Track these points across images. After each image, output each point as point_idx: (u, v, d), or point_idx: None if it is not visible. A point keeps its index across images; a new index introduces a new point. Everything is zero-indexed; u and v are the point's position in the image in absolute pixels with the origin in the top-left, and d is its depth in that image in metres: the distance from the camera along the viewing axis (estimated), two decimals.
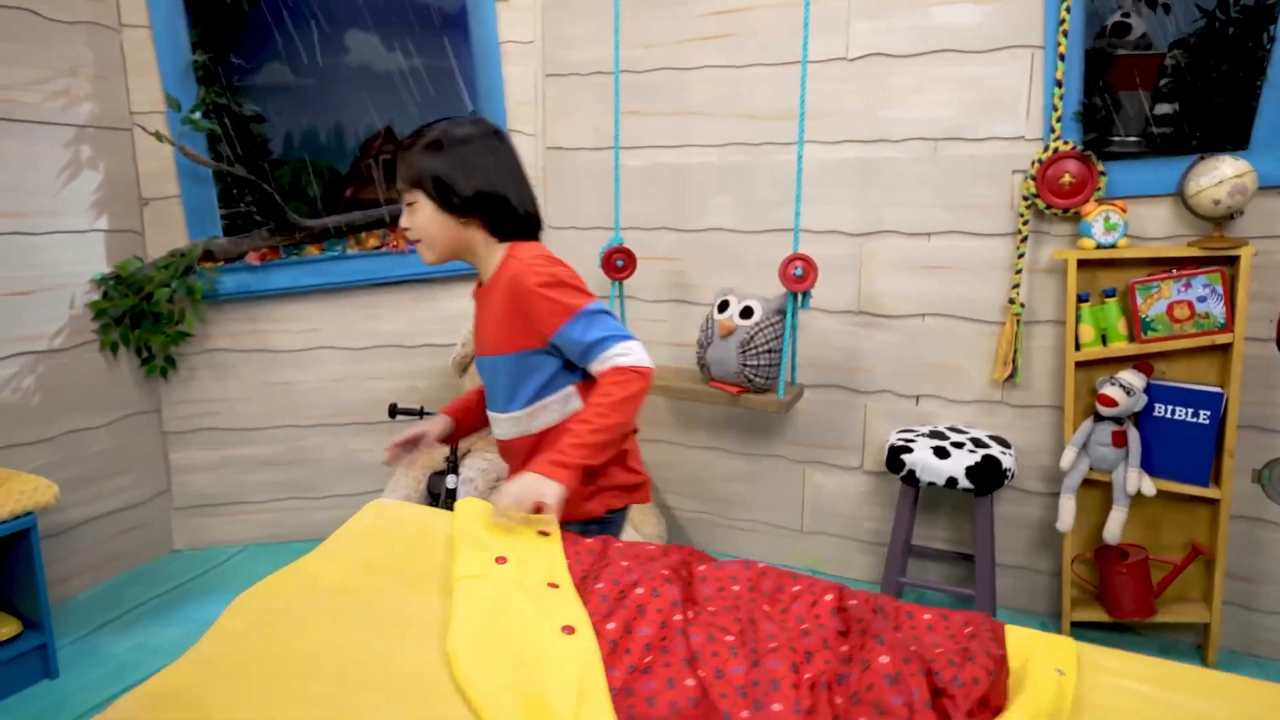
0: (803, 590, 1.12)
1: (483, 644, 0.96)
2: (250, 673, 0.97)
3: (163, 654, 2.39)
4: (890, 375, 2.70)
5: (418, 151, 1.49)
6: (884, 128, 2.58)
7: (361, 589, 1.15)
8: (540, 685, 0.88)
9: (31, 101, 2.44)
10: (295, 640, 1.03)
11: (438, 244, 1.53)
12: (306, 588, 1.15)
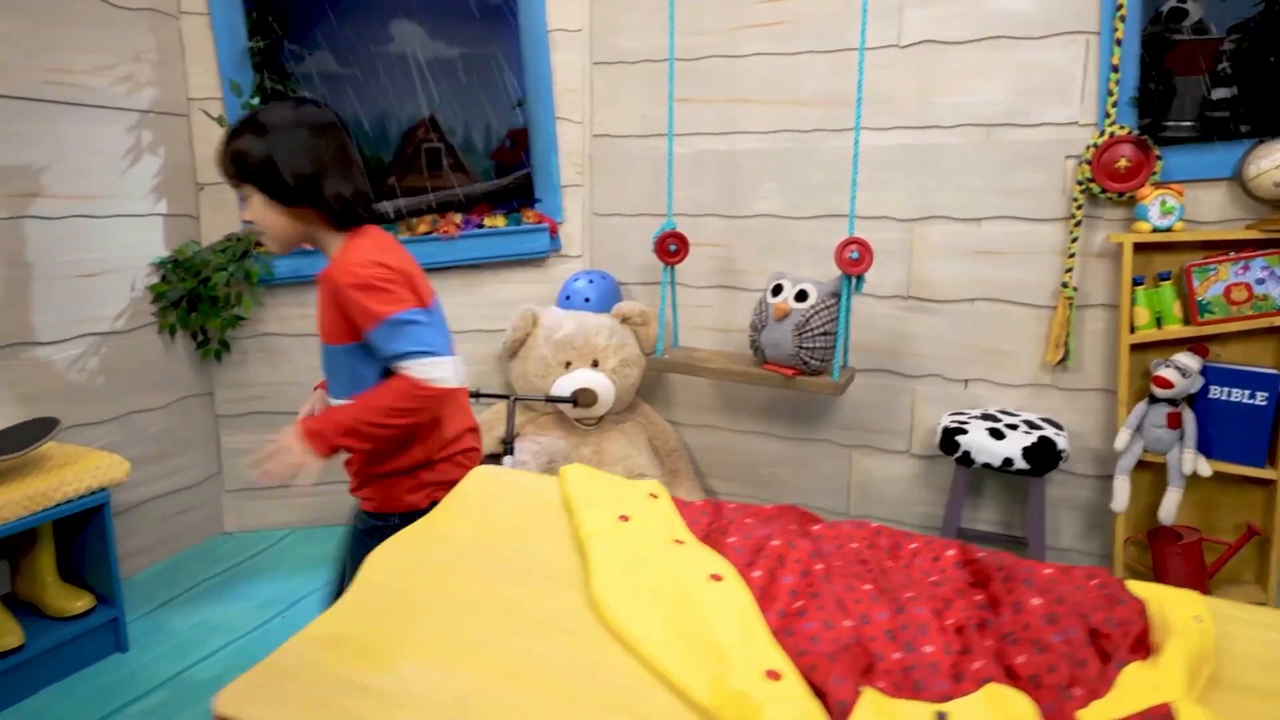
0: (920, 547, 1.15)
1: (629, 591, 1.00)
2: (404, 616, 1.00)
3: (225, 630, 2.43)
4: (939, 359, 2.73)
5: (241, 142, 1.47)
6: (935, 114, 2.61)
7: (489, 545, 1.18)
8: (701, 626, 0.91)
9: (98, 86, 2.47)
10: (438, 589, 1.06)
11: (277, 234, 1.53)
12: (435, 544, 1.19)
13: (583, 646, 0.94)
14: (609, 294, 2.98)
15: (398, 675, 0.88)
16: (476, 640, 0.95)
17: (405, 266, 1.51)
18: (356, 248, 1.49)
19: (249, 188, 1.49)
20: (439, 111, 3.10)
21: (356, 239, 1.51)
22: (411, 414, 1.43)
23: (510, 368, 2.93)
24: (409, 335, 1.42)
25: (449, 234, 2.94)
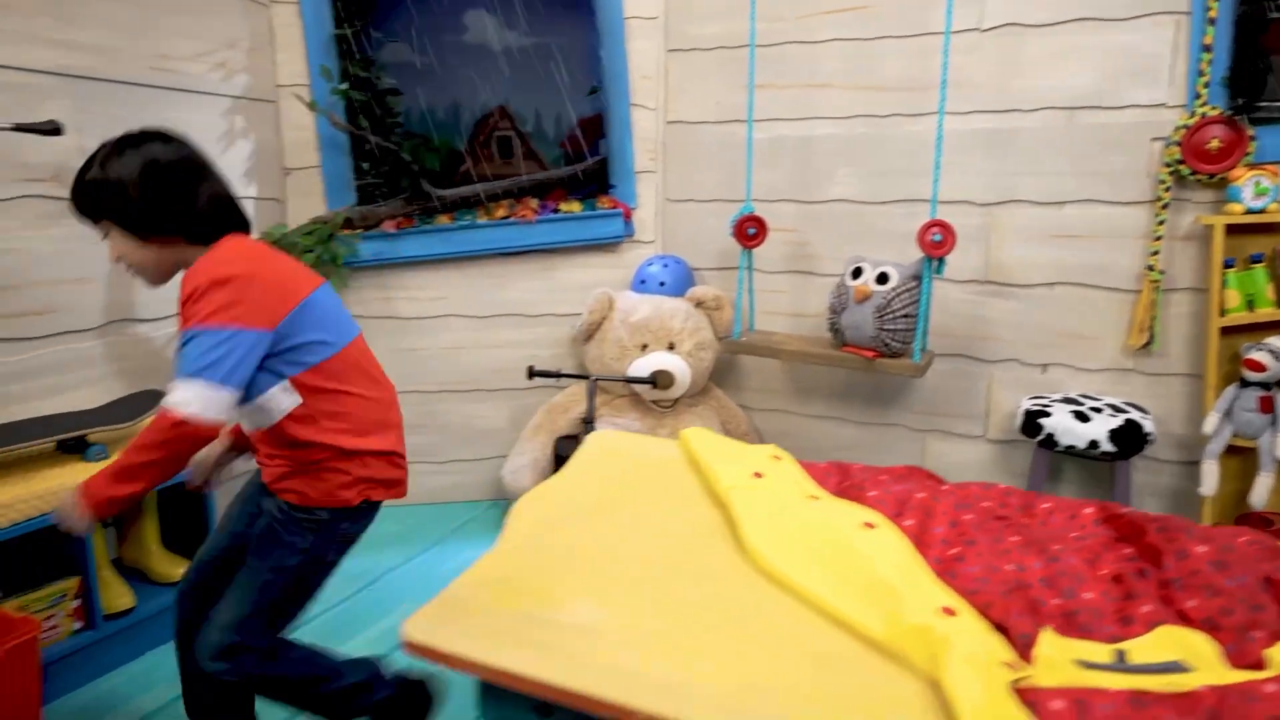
0: (1053, 507, 1.16)
1: (780, 539, 1.02)
2: (560, 563, 1.03)
3: (320, 601, 2.48)
4: (1016, 344, 2.72)
5: (92, 181, 1.46)
6: (1016, 98, 2.60)
7: (622, 500, 1.21)
8: (863, 569, 0.93)
9: (197, 72, 2.55)
10: (584, 540, 1.10)
11: (147, 267, 1.50)
12: (570, 500, 1.22)
13: (742, 591, 0.97)
14: (683, 279, 3.01)
15: (571, 612, 0.92)
16: (637, 585, 0.98)
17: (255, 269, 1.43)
18: (199, 263, 1.43)
19: (106, 224, 1.48)
20: (512, 100, 3.15)
21: (206, 255, 1.45)
22: (169, 446, 1.36)
23: (585, 351, 2.97)
24: (189, 355, 1.36)
25: (526, 218, 2.98)
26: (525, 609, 0.91)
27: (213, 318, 1.35)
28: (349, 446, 1.48)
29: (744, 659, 0.83)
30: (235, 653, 1.48)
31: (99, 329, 2.34)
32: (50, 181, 2.18)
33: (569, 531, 1.10)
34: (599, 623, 0.89)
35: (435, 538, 2.92)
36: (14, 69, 2.07)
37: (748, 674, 0.81)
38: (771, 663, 0.83)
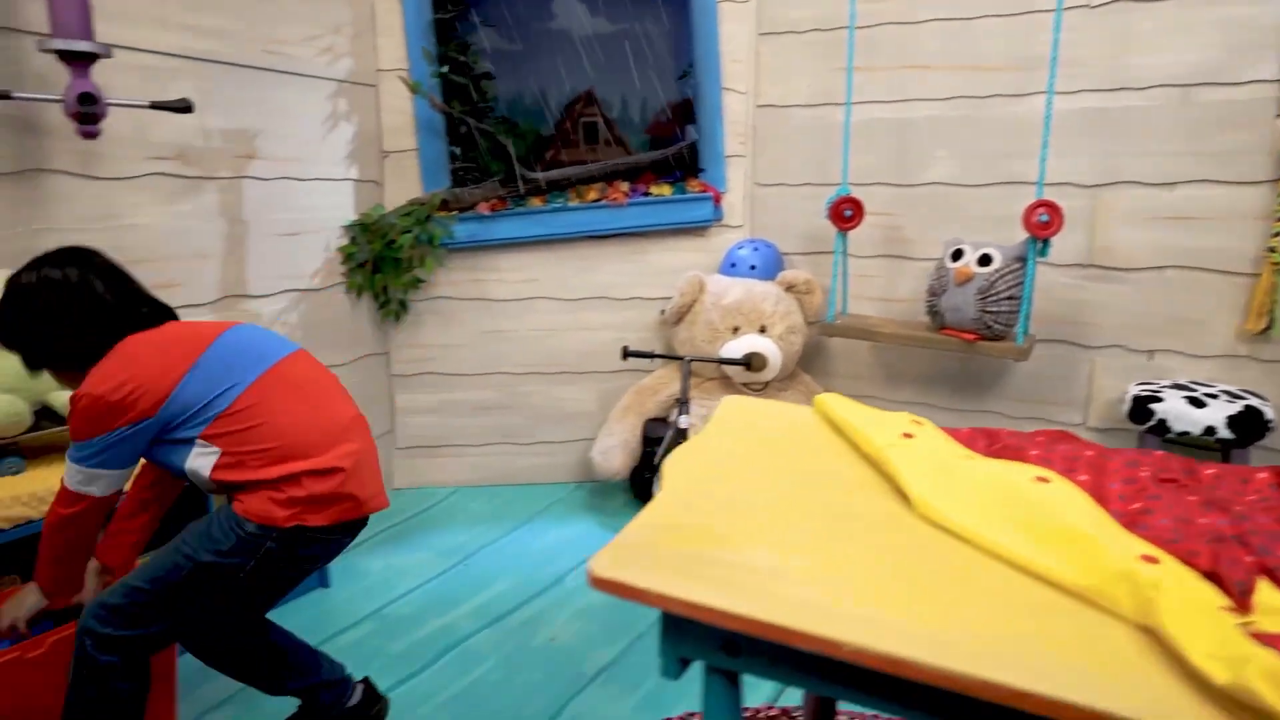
0: (1220, 472, 1.12)
1: (949, 493, 1.01)
2: (727, 510, 1.03)
3: (412, 574, 2.54)
4: (1121, 329, 2.65)
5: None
6: (1127, 75, 2.53)
7: (776, 456, 1.21)
8: (1047, 520, 0.91)
9: (305, 56, 2.62)
10: (745, 491, 1.09)
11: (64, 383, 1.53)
12: (720, 457, 1.22)
13: (917, 540, 0.96)
14: (773, 262, 2.99)
15: (750, 556, 0.91)
16: (810, 532, 0.98)
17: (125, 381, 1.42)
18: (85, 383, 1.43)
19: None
20: (598, 86, 3.17)
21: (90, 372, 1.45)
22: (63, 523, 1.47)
23: (675, 333, 2.97)
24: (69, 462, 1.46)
25: (617, 202, 2.99)
26: (703, 551, 0.91)
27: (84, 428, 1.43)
28: (277, 475, 1.46)
29: (939, 601, 0.82)
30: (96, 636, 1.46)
31: (214, 303, 2.41)
32: (175, 160, 2.26)
33: (727, 485, 1.10)
34: (780, 565, 0.89)
35: (524, 517, 2.95)
36: (146, 51, 2.16)
37: (946, 614, 0.80)
38: (970, 606, 0.82)
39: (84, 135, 1.90)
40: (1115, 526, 0.89)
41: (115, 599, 1.47)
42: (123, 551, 1.68)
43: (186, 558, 1.47)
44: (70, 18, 1.82)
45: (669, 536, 0.95)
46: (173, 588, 1.48)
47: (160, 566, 1.49)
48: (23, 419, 1.79)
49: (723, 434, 1.31)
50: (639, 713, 1.92)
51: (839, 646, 0.75)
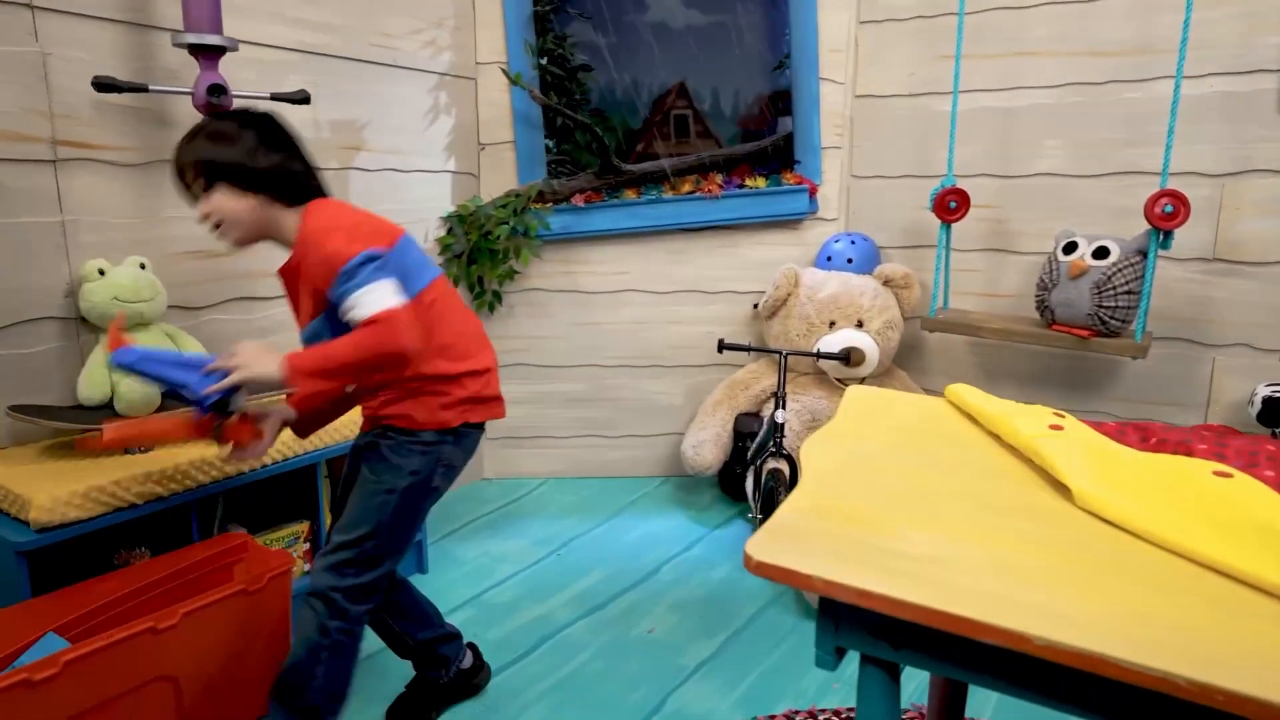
0: None
1: (1117, 486, 0.95)
2: (878, 495, 1.00)
3: (509, 561, 2.56)
4: (1248, 327, 2.50)
5: (200, 142, 1.51)
6: (1262, 56, 2.38)
7: (910, 446, 1.17)
8: (1239, 516, 0.85)
9: (409, 49, 2.66)
10: (895, 476, 1.06)
11: (242, 222, 1.53)
12: (855, 443, 1.19)
13: (1086, 534, 0.91)
14: (869, 256, 2.92)
15: (908, 540, 0.88)
16: (970, 519, 0.94)
17: (359, 219, 1.56)
18: (313, 220, 1.52)
19: (216, 184, 1.50)
20: (689, 79, 3.14)
21: (309, 215, 1.53)
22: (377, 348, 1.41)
23: (769, 327, 2.93)
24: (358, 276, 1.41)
25: (711, 194, 2.97)
26: (861, 536, 0.88)
27: (354, 246, 1.42)
28: (448, 371, 1.59)
29: (1121, 597, 0.77)
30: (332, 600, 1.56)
31: None
32: None
33: (869, 471, 1.07)
34: (943, 553, 0.85)
35: (613, 509, 2.96)
36: (263, 45, 2.22)
37: (1132, 610, 0.75)
38: (1155, 601, 0.77)
39: None
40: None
41: (345, 554, 1.57)
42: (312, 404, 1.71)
43: (388, 492, 1.58)
44: (202, 13, 1.88)
45: (823, 521, 0.93)
46: (389, 521, 1.58)
47: (368, 510, 1.58)
48: (154, 399, 1.86)
49: (855, 422, 1.28)
50: (740, 708, 1.89)
51: (1028, 640, 0.72)
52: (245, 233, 1.55)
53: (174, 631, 1.56)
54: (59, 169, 1.87)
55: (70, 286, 1.91)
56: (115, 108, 1.94)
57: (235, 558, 1.86)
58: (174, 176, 1.55)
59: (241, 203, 1.51)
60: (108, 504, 1.68)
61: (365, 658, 1.92)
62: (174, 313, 2.10)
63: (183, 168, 1.53)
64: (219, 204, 1.51)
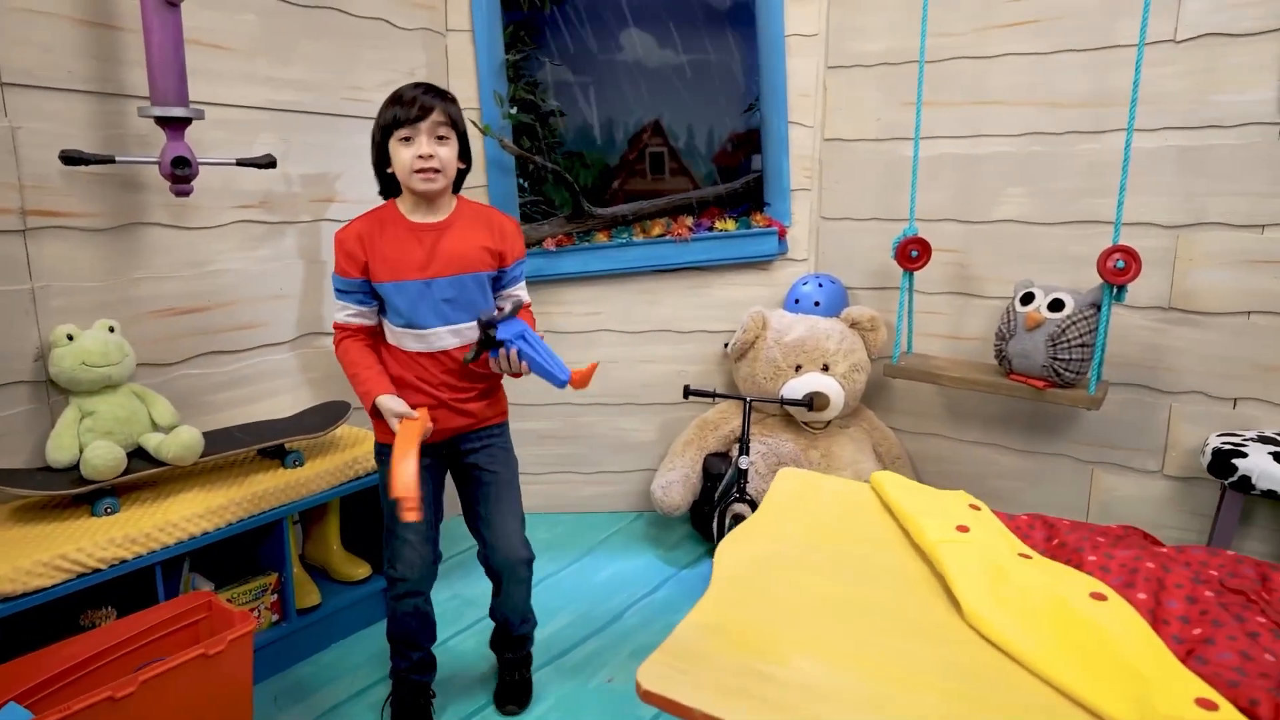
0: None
1: (1003, 604, 1.00)
2: (774, 610, 1.05)
3: (477, 606, 2.61)
4: (1203, 376, 2.54)
5: (456, 103, 1.84)
6: (1214, 112, 2.43)
7: (828, 545, 1.22)
8: (1100, 646, 0.90)
9: (380, 101, 2.69)
10: (797, 586, 1.11)
11: (447, 180, 1.83)
12: (776, 541, 1.24)
13: (967, 655, 0.96)
14: (837, 298, 2.97)
15: (794, 667, 0.93)
16: (856, 640, 0.99)
17: None
18: (480, 204, 1.99)
19: (453, 135, 1.82)
20: (664, 117, 3.19)
21: (465, 198, 1.96)
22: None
23: (737, 369, 2.98)
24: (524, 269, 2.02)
25: (682, 236, 3.02)
26: (746, 662, 0.93)
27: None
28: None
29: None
30: (533, 559, 2.04)
31: (292, 342, 2.53)
32: (258, 207, 2.37)
33: (778, 578, 1.12)
34: (824, 683, 0.90)
35: (585, 547, 3.00)
36: (237, 106, 2.27)
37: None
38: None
39: (178, 194, 2.02)
40: (1170, 661, 0.87)
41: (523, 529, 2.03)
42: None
43: (516, 474, 2.07)
44: (167, 85, 1.93)
45: (716, 644, 0.97)
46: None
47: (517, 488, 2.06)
48: (120, 463, 1.91)
49: (777, 516, 1.32)
50: None
51: None
52: (444, 189, 1.85)
53: (132, 699, 1.61)
54: (28, 237, 1.92)
55: (40, 351, 1.96)
56: (84, 176, 1.99)
57: (199, 616, 1.91)
58: (422, 103, 1.78)
59: (454, 168, 1.85)
60: (71, 570, 1.74)
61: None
62: (145, 370, 2.16)
63: (435, 109, 1.79)
64: (450, 158, 1.82)
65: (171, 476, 2.11)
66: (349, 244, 1.85)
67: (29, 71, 1.88)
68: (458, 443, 1.99)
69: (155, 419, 2.07)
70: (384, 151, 1.85)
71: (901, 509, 1.26)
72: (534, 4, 2.93)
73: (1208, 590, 0.99)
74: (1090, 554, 1.09)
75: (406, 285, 1.83)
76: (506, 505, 2.01)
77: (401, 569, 1.96)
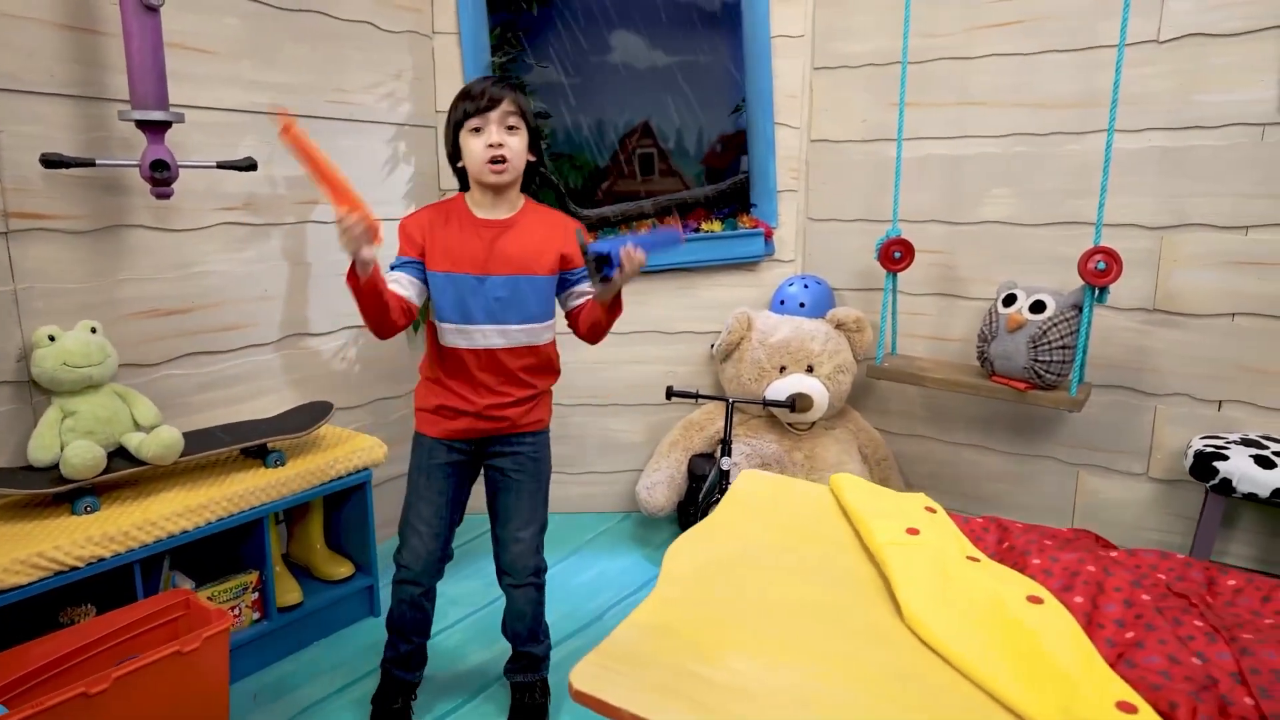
0: (1243, 585, 1.09)
1: (942, 607, 1.01)
2: (718, 611, 1.05)
3: (461, 604, 2.63)
4: (1187, 378, 2.54)
5: (526, 95, 1.85)
6: (1197, 113, 2.42)
7: (780, 546, 1.22)
8: (1031, 649, 0.90)
9: (366, 103, 2.73)
10: (743, 587, 1.11)
11: (515, 172, 1.83)
12: (729, 541, 1.24)
13: (902, 657, 0.96)
14: (823, 299, 2.97)
15: (729, 668, 0.94)
16: (794, 641, 0.99)
17: None
18: (548, 208, 1.97)
19: (523, 126, 1.82)
20: (654, 118, 3.20)
21: (533, 201, 1.94)
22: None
23: (723, 370, 2.98)
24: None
25: None
26: (683, 663, 0.93)
27: None
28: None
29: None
30: (544, 570, 2.04)
31: (276, 343, 2.55)
32: (243, 209, 2.39)
33: (725, 579, 1.12)
34: (756, 683, 0.90)
35: (571, 547, 3.02)
36: (220, 109, 2.29)
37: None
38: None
39: (158, 197, 2.04)
40: (1100, 664, 0.88)
41: (539, 537, 2.02)
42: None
43: (548, 482, 2.04)
44: (147, 90, 1.95)
45: (656, 645, 0.98)
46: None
47: (544, 505, 2.03)
48: (99, 462, 1.93)
49: (734, 516, 1.33)
50: None
51: None
52: (513, 182, 1.85)
53: (106, 695, 1.63)
54: (10, 240, 1.94)
55: (23, 352, 1.98)
56: (66, 178, 2.01)
57: (177, 614, 1.93)
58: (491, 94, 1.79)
59: (522, 161, 1.84)
60: (48, 568, 1.76)
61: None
62: (128, 370, 2.18)
63: (505, 100, 1.79)
64: (519, 149, 1.81)
65: (152, 476, 2.13)
66: (411, 229, 1.89)
67: (12, 75, 1.90)
68: (486, 444, 1.98)
69: (137, 419, 2.09)
70: (457, 146, 1.85)
71: (855, 511, 1.27)
72: (521, 5, 2.94)
73: (1145, 594, 1.00)
74: (1035, 557, 1.10)
75: (460, 278, 1.84)
76: (523, 512, 1.99)
77: (406, 557, 1.99)
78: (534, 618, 2.07)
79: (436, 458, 1.97)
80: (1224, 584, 1.09)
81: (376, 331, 1.82)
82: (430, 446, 1.98)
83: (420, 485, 1.99)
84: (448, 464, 1.97)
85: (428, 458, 1.98)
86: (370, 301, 1.75)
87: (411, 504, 2.01)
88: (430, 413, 1.96)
